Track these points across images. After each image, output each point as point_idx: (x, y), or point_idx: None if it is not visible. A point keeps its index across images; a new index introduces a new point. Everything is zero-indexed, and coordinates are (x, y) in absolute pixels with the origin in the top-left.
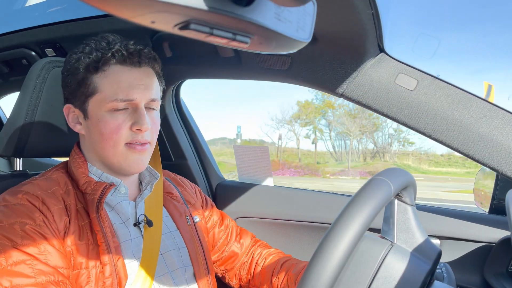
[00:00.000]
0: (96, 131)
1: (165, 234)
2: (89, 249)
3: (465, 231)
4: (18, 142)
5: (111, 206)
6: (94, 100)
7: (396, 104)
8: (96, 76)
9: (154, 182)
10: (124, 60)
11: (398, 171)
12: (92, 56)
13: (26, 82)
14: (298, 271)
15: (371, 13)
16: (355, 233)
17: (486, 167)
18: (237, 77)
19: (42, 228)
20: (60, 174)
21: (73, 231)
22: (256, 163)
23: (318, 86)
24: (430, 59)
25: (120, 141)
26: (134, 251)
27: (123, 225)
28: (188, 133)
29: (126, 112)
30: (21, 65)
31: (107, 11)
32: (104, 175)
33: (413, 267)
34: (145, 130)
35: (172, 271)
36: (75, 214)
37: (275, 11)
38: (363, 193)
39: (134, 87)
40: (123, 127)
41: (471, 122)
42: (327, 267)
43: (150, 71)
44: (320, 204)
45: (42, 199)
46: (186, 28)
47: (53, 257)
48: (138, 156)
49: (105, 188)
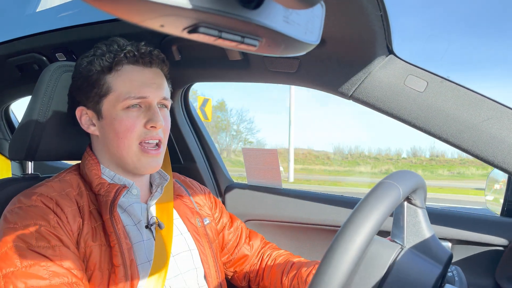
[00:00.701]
0: (111, 130)
1: (176, 236)
2: (102, 250)
3: (476, 234)
4: (29, 146)
5: (123, 208)
6: (108, 100)
7: (406, 106)
8: (109, 76)
9: (164, 184)
10: (136, 60)
11: (408, 174)
12: (105, 57)
13: (37, 86)
14: (308, 270)
15: (379, 15)
16: (364, 237)
17: (497, 169)
18: (245, 79)
19: (57, 229)
20: (72, 176)
21: (86, 233)
22: (264, 166)
23: (326, 88)
24: (439, 60)
25: (135, 140)
26: (147, 253)
27: (135, 227)
28: (197, 136)
29: (139, 110)
30: (33, 69)
31: (116, 15)
32: (116, 176)
33: (423, 270)
34: (160, 127)
35: (184, 273)
36: (88, 215)
37: (283, 14)
38: (371, 197)
39: (147, 85)
40: (137, 125)
41: (482, 123)
42: (336, 271)
43: (160, 72)
44: (329, 206)
45: (56, 200)
46: (195, 32)
47: (67, 259)
48: (151, 159)
49: (118, 190)
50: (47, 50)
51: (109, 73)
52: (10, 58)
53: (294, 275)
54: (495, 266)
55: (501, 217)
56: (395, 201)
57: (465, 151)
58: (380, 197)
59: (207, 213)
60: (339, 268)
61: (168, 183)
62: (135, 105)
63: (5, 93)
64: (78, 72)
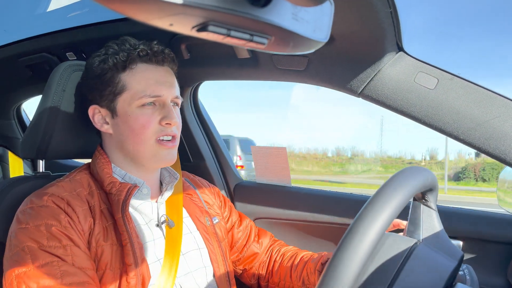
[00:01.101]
0: (126, 127)
1: (185, 235)
2: (113, 249)
3: (488, 233)
4: (40, 145)
5: (134, 207)
6: (123, 98)
7: (416, 103)
8: (124, 75)
9: (174, 182)
10: (150, 59)
11: (425, 171)
12: (119, 56)
13: (48, 86)
14: (316, 261)
15: (389, 12)
16: (385, 218)
17: (509, 166)
18: (254, 78)
19: (68, 229)
20: (83, 175)
21: (97, 232)
22: (274, 164)
23: (335, 86)
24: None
25: (151, 136)
26: (157, 252)
27: (146, 226)
28: (206, 134)
29: (154, 107)
30: (43, 69)
31: (126, 14)
32: (127, 175)
33: (438, 264)
34: (174, 124)
35: (194, 271)
36: (99, 215)
37: (292, 11)
38: (394, 181)
39: (161, 84)
40: (152, 122)
41: (493, 120)
42: (355, 254)
43: (171, 70)
44: (339, 205)
45: (67, 200)
46: (204, 30)
47: (79, 258)
48: (168, 151)
49: (130, 189)
50: (57, 49)
51: (123, 71)
52: (21, 58)
53: (303, 268)
54: (507, 264)
55: None
56: (417, 187)
57: (476, 148)
58: (403, 181)
59: (216, 212)
60: (359, 249)
61: (177, 182)
62: (150, 103)
63: (16, 92)
64: (90, 71)
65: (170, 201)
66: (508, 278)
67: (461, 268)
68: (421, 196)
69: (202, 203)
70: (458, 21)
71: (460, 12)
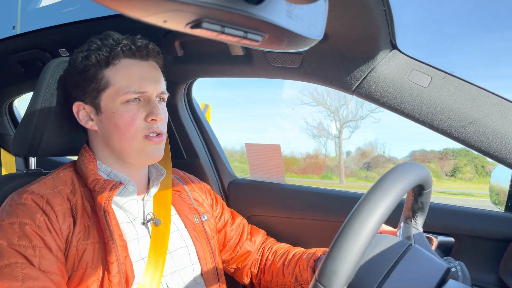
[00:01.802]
0: (111, 124)
1: (173, 232)
2: (96, 247)
3: (480, 229)
4: (32, 142)
5: (119, 205)
6: (107, 94)
7: (409, 101)
8: (107, 71)
9: (160, 179)
10: (133, 54)
11: (420, 166)
12: (101, 52)
13: (39, 82)
14: (309, 257)
15: (383, 10)
16: (380, 213)
17: (502, 164)
18: (248, 75)
19: (42, 229)
20: (67, 172)
21: (78, 231)
22: (267, 161)
23: (329, 83)
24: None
25: (137, 132)
26: (141, 250)
27: (131, 224)
28: (200, 131)
29: (139, 103)
30: (36, 65)
31: (119, 11)
32: (113, 172)
33: (431, 263)
34: (160, 120)
35: (181, 269)
36: (82, 213)
37: (286, 9)
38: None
39: (146, 79)
40: (138, 118)
41: (486, 118)
42: (351, 249)
43: (156, 65)
44: (333, 202)
45: (47, 199)
46: (198, 27)
47: (46, 261)
48: (155, 146)
49: (114, 186)
50: (50, 46)
51: (107, 67)
52: (13, 54)
53: (296, 264)
54: (498, 261)
55: (505, 212)
56: (415, 179)
57: (469, 146)
58: (403, 172)
59: (206, 210)
60: (355, 242)
61: (166, 179)
62: (135, 99)
63: (8, 89)
64: (73, 67)
65: (158, 198)
66: (500, 274)
67: (453, 265)
68: (411, 216)
69: (191, 200)
70: (453, 19)
71: (455, 10)
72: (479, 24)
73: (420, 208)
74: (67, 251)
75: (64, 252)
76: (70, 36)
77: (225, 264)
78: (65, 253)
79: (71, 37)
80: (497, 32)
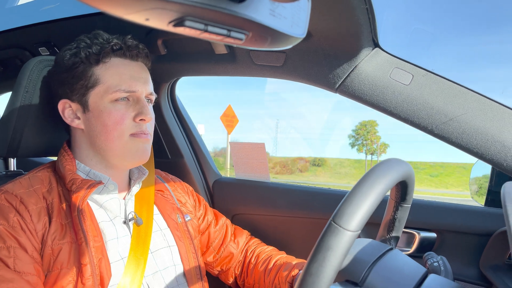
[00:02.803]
0: (99, 122)
1: (155, 232)
2: (72, 247)
3: (461, 225)
4: (11, 142)
5: (100, 203)
6: (96, 92)
7: (392, 99)
8: (97, 68)
9: (142, 178)
10: (124, 53)
11: (399, 163)
12: (91, 49)
13: (18, 82)
14: (288, 271)
15: (365, 8)
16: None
17: (482, 160)
18: (231, 73)
19: (16, 229)
20: (45, 172)
21: (54, 231)
22: (252, 160)
23: (313, 81)
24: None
25: (125, 132)
26: (121, 250)
27: (110, 223)
28: (184, 130)
29: (127, 103)
30: (15, 64)
31: (100, 8)
32: (92, 172)
33: (410, 263)
34: (149, 120)
35: (163, 270)
36: (58, 212)
37: (269, 7)
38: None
39: (136, 79)
40: (126, 118)
41: (466, 115)
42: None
43: (144, 66)
44: (317, 199)
45: (21, 198)
46: (181, 25)
47: (21, 262)
48: (143, 145)
49: (91, 186)
50: (29, 44)
51: (96, 65)
52: None
53: (276, 275)
54: (479, 255)
55: (484, 207)
56: (394, 178)
57: (450, 142)
58: (380, 174)
59: (189, 210)
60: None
61: (149, 178)
62: (124, 98)
63: None
64: (60, 64)
65: (140, 198)
66: (480, 268)
67: (435, 259)
68: (386, 235)
69: (174, 200)
70: (434, 18)
71: (436, 9)
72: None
73: (397, 227)
74: (42, 250)
75: (39, 252)
76: (50, 35)
77: (210, 267)
78: (40, 252)
79: (51, 35)
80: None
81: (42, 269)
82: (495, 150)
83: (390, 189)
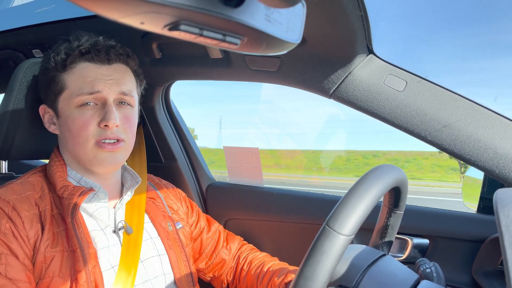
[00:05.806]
0: (65, 129)
1: (145, 241)
2: (64, 256)
3: (454, 231)
4: (3, 145)
5: (90, 212)
6: (63, 98)
7: (385, 105)
8: (64, 74)
9: (135, 187)
10: (92, 58)
11: (392, 169)
12: (60, 55)
13: (11, 84)
14: (281, 278)
15: (360, 15)
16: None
17: (474, 167)
18: (226, 78)
19: (7, 236)
20: (37, 177)
21: (46, 239)
22: (246, 164)
23: (307, 87)
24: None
25: (89, 138)
26: (111, 259)
27: (101, 232)
28: (178, 134)
29: (94, 108)
30: (8, 66)
31: (95, 11)
32: (83, 179)
33: (403, 269)
34: (112, 126)
35: (153, 279)
36: (50, 220)
37: (265, 13)
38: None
39: (100, 80)
40: (91, 123)
41: (458, 122)
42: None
43: (122, 67)
44: (311, 205)
45: (13, 204)
46: (176, 29)
47: (13, 269)
48: (108, 155)
49: (83, 193)
50: (23, 46)
51: (64, 71)
52: None
53: (269, 282)
54: (471, 262)
55: (477, 213)
56: (388, 184)
57: (442, 149)
58: (382, 172)
59: (181, 218)
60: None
61: (141, 186)
62: (90, 103)
63: None
64: (40, 69)
65: (132, 206)
66: (473, 274)
67: (428, 266)
68: (382, 244)
69: (165, 208)
70: (428, 24)
71: (429, 15)
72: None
73: (390, 233)
74: (34, 258)
75: (31, 259)
76: (44, 37)
77: (202, 273)
78: (32, 260)
79: (45, 37)
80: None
81: (33, 276)
82: (487, 157)
83: (383, 195)
